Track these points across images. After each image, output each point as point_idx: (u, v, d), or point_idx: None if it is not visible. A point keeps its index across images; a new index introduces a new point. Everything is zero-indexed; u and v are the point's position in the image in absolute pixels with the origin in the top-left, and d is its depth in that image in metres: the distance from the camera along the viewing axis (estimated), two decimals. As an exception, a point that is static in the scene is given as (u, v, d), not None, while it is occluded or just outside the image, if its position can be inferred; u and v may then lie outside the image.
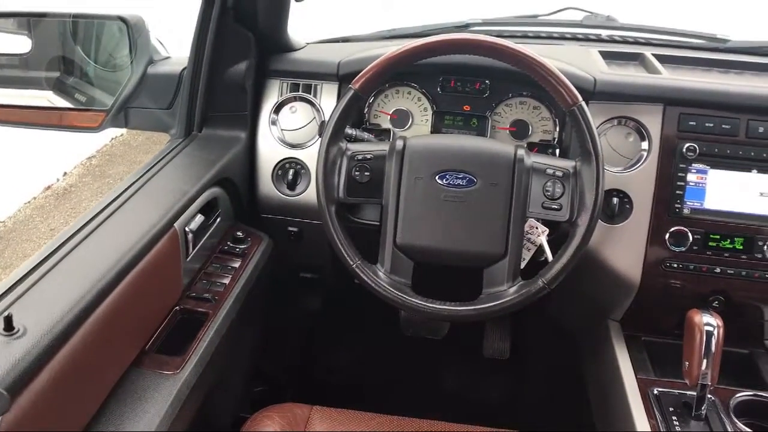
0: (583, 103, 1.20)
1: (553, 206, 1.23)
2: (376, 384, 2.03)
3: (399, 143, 1.26)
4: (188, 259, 1.27)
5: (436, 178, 1.24)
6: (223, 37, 1.40)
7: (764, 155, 1.35)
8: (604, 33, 1.79)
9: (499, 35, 1.74)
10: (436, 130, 1.54)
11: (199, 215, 1.31)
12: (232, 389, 1.53)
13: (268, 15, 1.39)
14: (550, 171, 1.24)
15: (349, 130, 1.41)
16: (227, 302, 1.29)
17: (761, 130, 1.35)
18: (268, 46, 1.49)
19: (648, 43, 1.71)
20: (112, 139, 4.90)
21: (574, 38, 1.78)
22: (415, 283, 1.27)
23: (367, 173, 1.26)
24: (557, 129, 1.50)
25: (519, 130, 1.52)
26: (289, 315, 1.88)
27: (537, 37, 1.79)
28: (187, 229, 1.25)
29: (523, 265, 1.36)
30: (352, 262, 1.24)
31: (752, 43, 1.71)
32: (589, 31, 1.77)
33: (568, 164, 1.25)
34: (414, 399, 1.93)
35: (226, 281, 1.33)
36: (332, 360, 2.09)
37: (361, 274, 1.24)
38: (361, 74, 1.23)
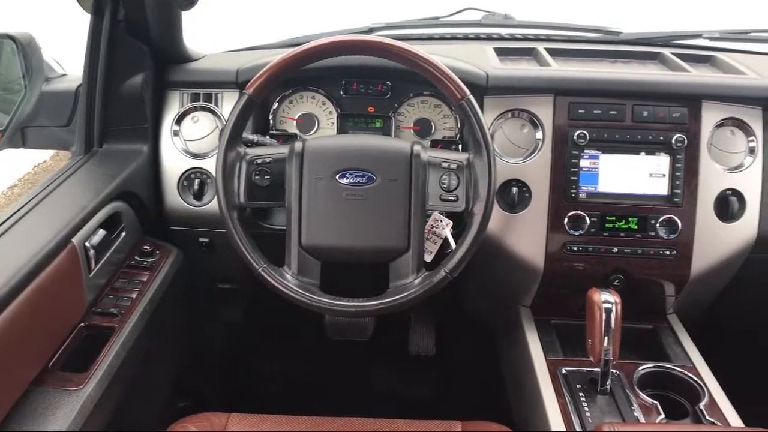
0: (471, 97, 1.24)
1: (450, 198, 1.27)
2: (305, 390, 2.04)
3: (298, 145, 1.28)
4: (91, 275, 1.25)
5: (337, 177, 1.26)
6: (116, 50, 1.39)
7: (650, 138, 1.42)
8: (504, 31, 1.86)
9: (402, 38, 1.80)
10: (342, 132, 1.56)
11: (101, 230, 1.29)
12: (150, 404, 1.51)
13: (160, 26, 1.39)
14: (445, 164, 1.28)
15: (250, 136, 1.42)
16: (134, 316, 1.27)
17: (645, 114, 1.42)
18: (164, 57, 1.48)
19: (542, 39, 1.78)
20: (35, 166, 4.77)
21: (477, 38, 1.84)
22: (323, 282, 1.28)
23: (267, 177, 1.27)
24: (459, 126, 1.55)
25: (423, 128, 1.56)
26: (210, 327, 1.87)
27: (439, 38, 1.84)
28: (87, 244, 1.23)
29: (430, 258, 1.39)
30: (257, 266, 1.25)
31: (641, 35, 1.80)
32: (488, 30, 1.83)
33: (461, 156, 1.28)
34: (344, 401, 1.94)
35: (134, 295, 1.32)
36: (259, 369, 2.08)
37: (268, 278, 1.24)
38: (254, 79, 1.24)
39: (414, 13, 1.94)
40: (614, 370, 1.35)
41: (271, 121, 1.56)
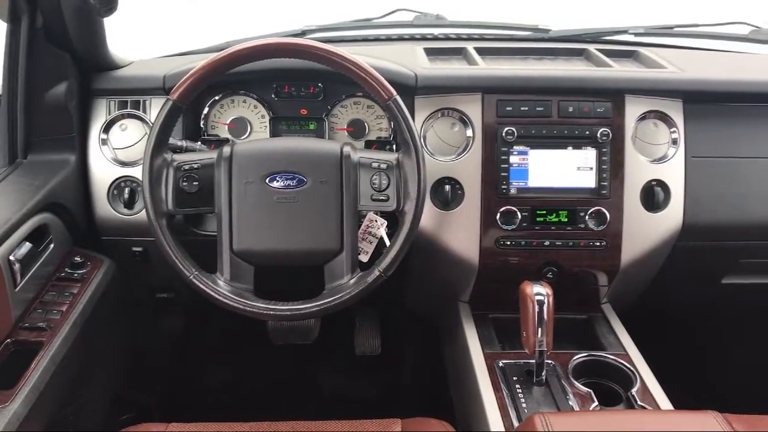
0: (398, 97, 1.25)
1: (381, 198, 1.28)
2: (252, 396, 2.02)
3: (226, 150, 1.27)
4: (17, 289, 1.22)
5: (267, 180, 1.25)
6: (36, 58, 1.35)
7: (576, 132, 1.45)
8: (436, 31, 1.88)
9: (334, 40, 1.81)
10: (275, 135, 1.56)
11: (27, 243, 1.26)
12: (89, 417, 1.48)
13: (81, 33, 1.36)
14: (375, 164, 1.28)
15: (179, 142, 1.40)
16: (64, 329, 1.25)
17: (571, 109, 1.45)
18: (88, 64, 1.45)
19: (472, 38, 1.81)
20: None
21: (408, 38, 1.85)
22: (258, 287, 1.28)
23: (195, 183, 1.26)
24: (392, 126, 1.56)
25: (356, 129, 1.56)
26: (152, 338, 1.84)
27: (372, 39, 1.85)
28: (11, 258, 1.20)
29: (366, 258, 1.40)
30: (188, 274, 1.23)
31: (570, 32, 1.84)
32: (419, 30, 1.84)
33: (391, 156, 1.29)
34: (291, 405, 1.93)
35: (64, 308, 1.29)
36: (204, 378, 2.06)
37: (200, 285, 1.23)
38: (178, 84, 1.23)
39: (350, 14, 1.96)
40: (550, 361, 1.38)
41: (202, 127, 1.54)
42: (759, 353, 1.94)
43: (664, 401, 1.29)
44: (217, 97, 1.54)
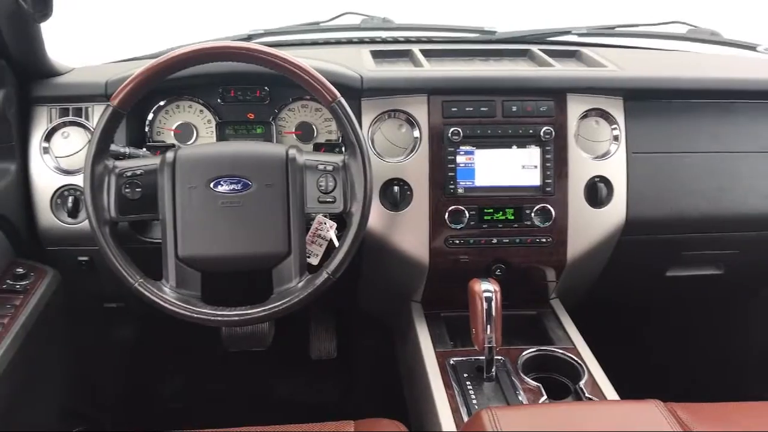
0: (342, 99, 1.26)
1: (328, 199, 1.28)
2: (207, 404, 2.00)
3: (169, 155, 1.26)
4: None
5: (211, 185, 1.25)
6: None
7: (520, 131, 1.47)
8: (384, 34, 1.89)
9: (281, 44, 1.80)
10: (222, 140, 1.55)
11: None
12: (37, 430, 1.44)
13: (17, 40, 1.33)
14: (321, 167, 1.29)
15: (122, 149, 1.38)
16: (5, 342, 1.21)
17: (514, 108, 1.47)
18: (27, 71, 1.43)
19: (419, 41, 1.83)
20: None
21: (357, 41, 1.86)
22: (205, 293, 1.27)
23: (138, 189, 1.24)
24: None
25: (304, 132, 1.56)
26: (102, 348, 1.80)
27: (323, 42, 1.85)
28: None
29: (317, 260, 1.40)
30: (133, 281, 1.22)
31: (515, 33, 1.87)
32: (367, 33, 1.85)
33: (337, 158, 1.30)
34: (247, 412, 1.92)
35: (5, 320, 1.26)
36: (158, 388, 2.03)
37: (145, 293, 1.22)
38: (118, 90, 1.22)
39: (298, 18, 1.95)
40: (500, 357, 1.40)
41: (147, 133, 1.53)
42: (703, 343, 2.00)
43: (610, 392, 1.32)
44: (162, 103, 1.53)
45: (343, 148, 1.55)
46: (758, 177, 1.56)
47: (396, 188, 1.46)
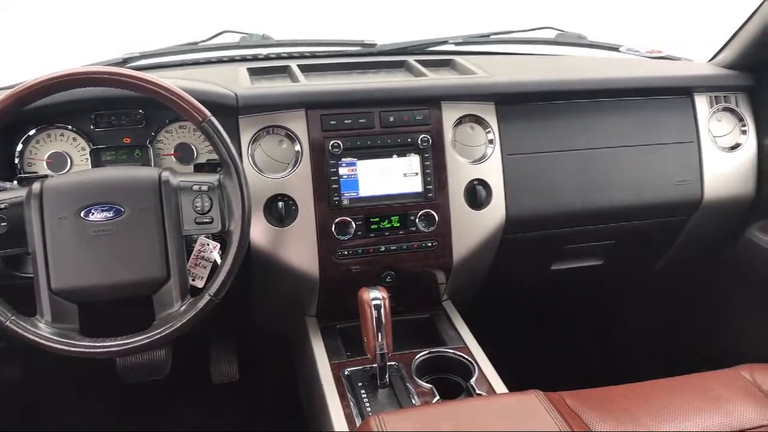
0: (212, 118, 1.25)
1: (205, 220, 1.27)
2: None
3: (36, 186, 1.21)
4: None
5: (81, 214, 1.21)
6: None
7: (399, 141, 1.51)
8: (264, 51, 1.89)
9: (158, 66, 1.77)
10: (99, 166, 1.50)
11: None
12: None
13: None
14: (196, 187, 1.28)
15: None
16: None
17: (392, 119, 1.51)
18: None
19: (304, 56, 1.84)
20: None
21: (240, 59, 1.85)
22: (84, 325, 1.23)
23: (4, 224, 1.20)
24: None
25: (184, 154, 1.54)
26: None
27: (201, 62, 1.83)
28: None
29: (202, 283, 1.38)
30: (4, 319, 1.17)
31: (394, 45, 1.91)
32: (246, 51, 1.85)
33: (212, 178, 1.29)
34: None
35: None
36: (53, 427, 1.94)
37: (18, 330, 1.17)
38: None
39: (177, 39, 1.93)
40: (393, 362, 1.42)
41: (18, 165, 1.47)
42: (591, 331, 2.10)
43: (500, 387, 1.37)
44: (31, 132, 1.47)
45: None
46: (626, 170, 1.65)
47: (280, 204, 1.46)
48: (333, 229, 1.48)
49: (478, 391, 1.35)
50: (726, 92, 1.73)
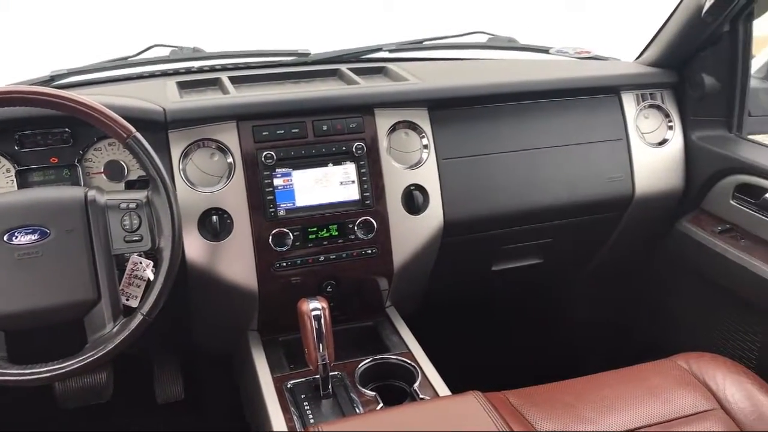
0: (137, 134, 1.23)
1: (135, 238, 1.25)
2: None
3: None
4: None
5: (5, 238, 1.18)
6: None
7: (333, 149, 1.51)
8: (196, 64, 1.86)
9: (87, 83, 1.73)
10: (27, 188, 1.45)
11: None
12: None
13: None
14: (124, 205, 1.25)
15: None
16: None
17: (325, 127, 1.50)
18: None
19: (231, 68, 1.82)
20: None
21: (171, 73, 1.82)
22: (12, 352, 1.19)
23: None
24: None
25: (114, 171, 1.50)
26: None
27: (133, 77, 1.80)
28: None
29: (137, 302, 1.35)
30: None
31: (328, 54, 1.91)
32: (177, 65, 1.82)
33: (140, 195, 1.27)
34: None
35: None
36: None
37: None
38: None
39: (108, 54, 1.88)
40: (337, 372, 1.42)
41: None
42: (537, 329, 2.13)
43: (443, 389, 1.37)
44: None
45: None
46: (559, 169, 1.68)
47: (215, 218, 1.44)
48: (270, 241, 1.47)
49: (421, 396, 1.36)
50: (651, 89, 1.78)
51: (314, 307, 1.31)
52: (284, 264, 1.48)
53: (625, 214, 1.77)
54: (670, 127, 1.78)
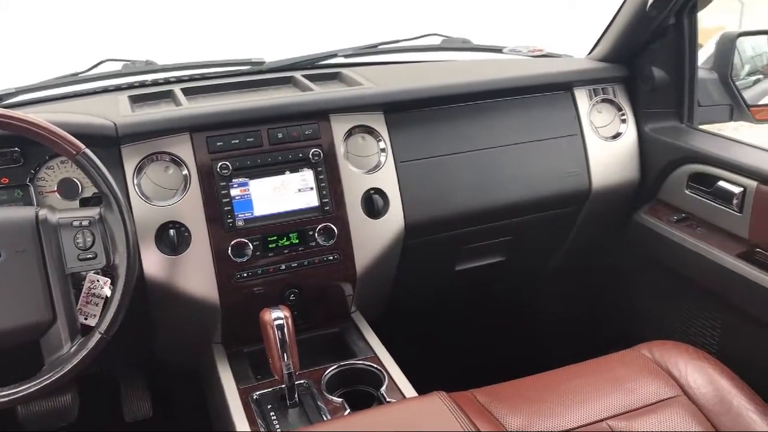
0: (87, 150, 1.21)
1: (89, 256, 1.23)
2: None
3: None
4: None
5: None
6: None
7: (290, 157, 1.50)
8: (150, 77, 1.84)
9: (37, 101, 1.70)
10: None
11: None
12: None
13: None
14: (76, 223, 1.23)
15: None
16: None
17: (280, 135, 1.50)
18: None
19: (185, 80, 1.80)
20: None
21: (125, 87, 1.80)
22: None
23: None
24: None
25: (67, 189, 1.47)
26: None
27: (83, 93, 1.77)
28: None
29: (95, 321, 1.33)
30: None
31: (283, 62, 1.90)
32: (129, 79, 1.80)
33: (92, 212, 1.25)
34: None
35: None
36: None
37: None
38: None
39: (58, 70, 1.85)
40: (302, 380, 1.41)
41: None
42: (504, 327, 2.14)
43: (409, 391, 1.37)
44: None
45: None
46: (516, 167, 1.70)
47: (172, 231, 1.43)
48: (229, 252, 1.45)
49: (389, 399, 1.35)
50: (603, 84, 1.80)
51: (276, 316, 1.31)
52: (245, 275, 1.47)
53: (584, 208, 1.79)
54: (623, 121, 1.81)
